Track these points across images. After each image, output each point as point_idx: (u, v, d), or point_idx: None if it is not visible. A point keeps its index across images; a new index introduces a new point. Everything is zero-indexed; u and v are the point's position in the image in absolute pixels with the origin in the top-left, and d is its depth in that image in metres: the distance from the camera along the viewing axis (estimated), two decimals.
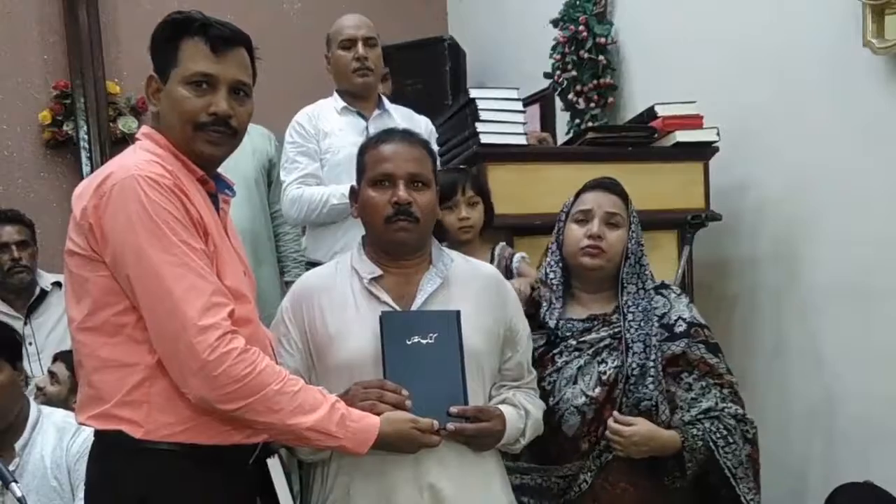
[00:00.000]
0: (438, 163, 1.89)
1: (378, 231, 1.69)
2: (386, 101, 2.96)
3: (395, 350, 1.61)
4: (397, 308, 1.68)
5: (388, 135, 1.76)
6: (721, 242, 2.73)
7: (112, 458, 1.46)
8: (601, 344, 1.88)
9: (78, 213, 1.49)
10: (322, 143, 2.79)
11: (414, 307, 1.69)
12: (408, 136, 1.76)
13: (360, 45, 2.83)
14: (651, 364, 1.84)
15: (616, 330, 1.89)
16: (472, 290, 1.74)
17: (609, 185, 1.98)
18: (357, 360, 1.64)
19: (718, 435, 1.83)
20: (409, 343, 1.61)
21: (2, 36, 3.86)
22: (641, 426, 1.79)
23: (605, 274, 1.94)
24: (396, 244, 1.68)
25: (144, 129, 1.59)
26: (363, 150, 1.75)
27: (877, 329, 2.24)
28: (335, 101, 2.88)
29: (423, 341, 1.62)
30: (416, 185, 1.68)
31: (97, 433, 1.49)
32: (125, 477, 1.44)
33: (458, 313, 1.65)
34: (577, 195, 1.99)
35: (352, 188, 1.78)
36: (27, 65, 3.91)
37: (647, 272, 1.95)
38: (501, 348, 1.76)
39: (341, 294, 1.69)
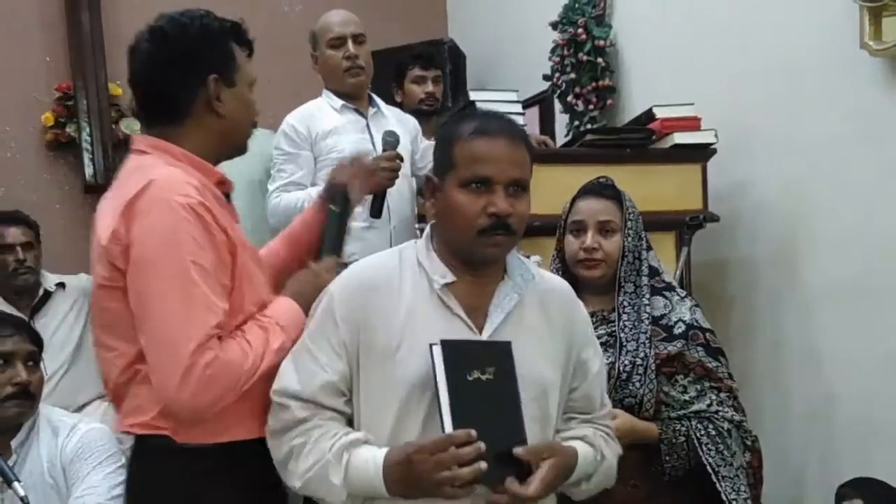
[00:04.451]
0: None
1: (466, 242, 1.43)
2: (377, 99, 2.93)
3: (457, 388, 1.35)
4: (470, 323, 1.45)
5: (488, 125, 1.45)
6: (719, 243, 2.73)
7: (156, 459, 1.51)
8: (598, 341, 1.89)
9: (105, 237, 1.47)
10: (321, 143, 2.77)
11: (489, 326, 1.45)
12: (510, 129, 1.47)
13: (349, 43, 2.78)
14: (640, 362, 1.85)
15: (612, 329, 1.91)
16: (546, 308, 1.52)
17: (601, 190, 1.99)
18: (420, 379, 1.39)
19: (703, 433, 1.84)
20: (469, 379, 1.37)
21: (4, 38, 3.87)
22: (620, 420, 1.78)
23: (607, 278, 1.96)
24: (486, 259, 1.45)
25: (151, 141, 1.56)
26: (450, 139, 1.46)
27: (875, 329, 2.25)
28: (330, 100, 2.85)
29: (483, 377, 1.38)
30: (515, 189, 1.44)
31: (139, 437, 1.53)
32: (170, 476, 1.49)
33: (509, 344, 1.41)
34: (572, 202, 2.01)
35: (427, 179, 1.51)
36: (30, 67, 3.91)
37: (645, 268, 1.95)
38: (569, 377, 1.54)
39: (407, 296, 1.45)
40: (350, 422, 1.47)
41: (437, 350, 1.36)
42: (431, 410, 1.38)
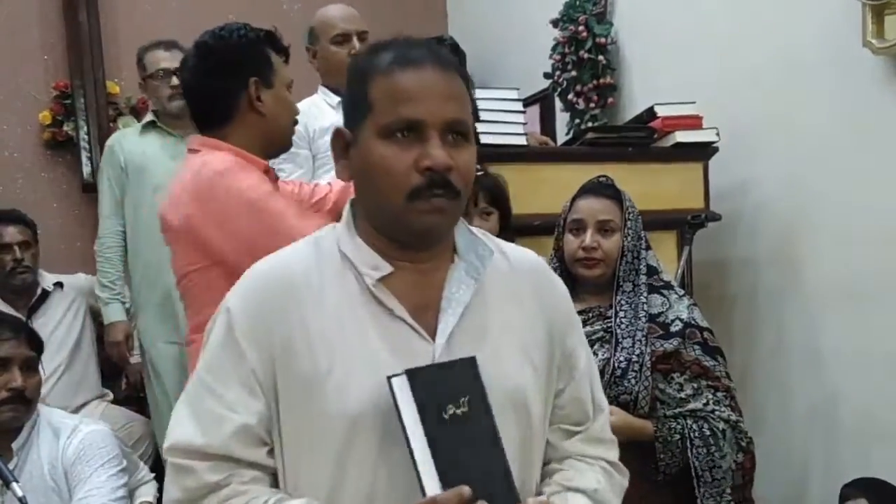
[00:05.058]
0: None
1: (395, 211, 1.07)
2: None
3: (435, 432, 1.03)
4: (417, 327, 1.10)
5: (410, 53, 1.09)
6: (721, 242, 2.73)
7: None
8: (593, 337, 1.89)
9: (178, 221, 1.70)
10: (319, 141, 2.74)
11: (443, 328, 1.10)
12: (440, 56, 1.11)
13: (355, 39, 2.76)
14: (635, 359, 1.85)
15: (609, 325, 1.91)
16: (515, 292, 1.18)
17: (601, 190, 1.99)
18: (364, 413, 1.05)
19: (697, 433, 1.83)
20: (446, 417, 1.04)
21: (1, 36, 3.85)
22: (615, 416, 1.76)
23: (606, 277, 1.95)
24: (425, 232, 1.09)
25: (202, 139, 1.79)
26: (362, 76, 1.10)
27: (877, 328, 2.25)
28: (326, 97, 2.81)
29: (458, 411, 1.05)
30: (455, 137, 1.08)
31: None
32: None
33: (475, 360, 1.07)
34: (572, 201, 2.01)
35: (337, 133, 1.14)
36: (27, 65, 3.90)
37: (643, 267, 1.95)
38: (554, 379, 1.20)
39: (332, 299, 1.09)
40: (276, 480, 1.11)
41: (402, 384, 1.02)
42: (384, 455, 1.06)
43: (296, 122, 1.88)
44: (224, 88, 1.76)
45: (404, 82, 1.07)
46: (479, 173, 2.24)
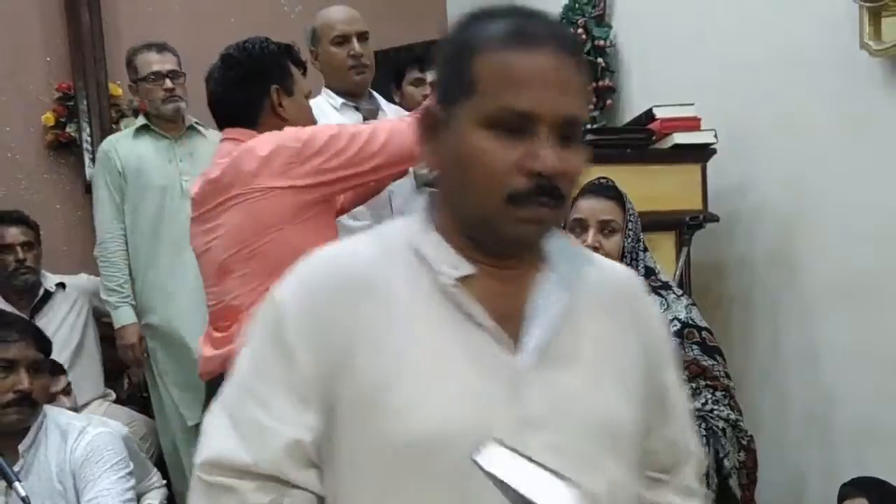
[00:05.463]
0: None
1: (488, 212, 0.91)
2: (377, 96, 2.88)
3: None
4: (503, 337, 0.93)
5: (529, 27, 0.91)
6: (719, 244, 2.73)
7: None
8: None
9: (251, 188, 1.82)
10: None
11: (531, 340, 0.93)
12: (563, 36, 0.94)
13: (354, 41, 2.73)
14: None
15: None
16: (610, 311, 1.01)
17: (602, 190, 1.99)
18: (437, 441, 0.88)
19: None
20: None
21: (4, 37, 3.86)
22: None
23: None
24: (516, 241, 0.94)
25: (240, 131, 1.91)
26: (468, 46, 0.92)
27: (874, 329, 2.25)
28: (330, 98, 2.80)
29: None
30: (567, 137, 0.91)
31: None
32: None
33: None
34: (574, 201, 2.01)
35: (426, 112, 0.97)
36: (30, 66, 3.91)
37: (641, 268, 1.96)
38: (646, 414, 1.01)
39: (401, 300, 0.93)
40: None
41: (497, 454, 0.85)
42: (457, 492, 0.88)
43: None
44: (249, 95, 1.91)
45: (519, 65, 0.88)
46: None
